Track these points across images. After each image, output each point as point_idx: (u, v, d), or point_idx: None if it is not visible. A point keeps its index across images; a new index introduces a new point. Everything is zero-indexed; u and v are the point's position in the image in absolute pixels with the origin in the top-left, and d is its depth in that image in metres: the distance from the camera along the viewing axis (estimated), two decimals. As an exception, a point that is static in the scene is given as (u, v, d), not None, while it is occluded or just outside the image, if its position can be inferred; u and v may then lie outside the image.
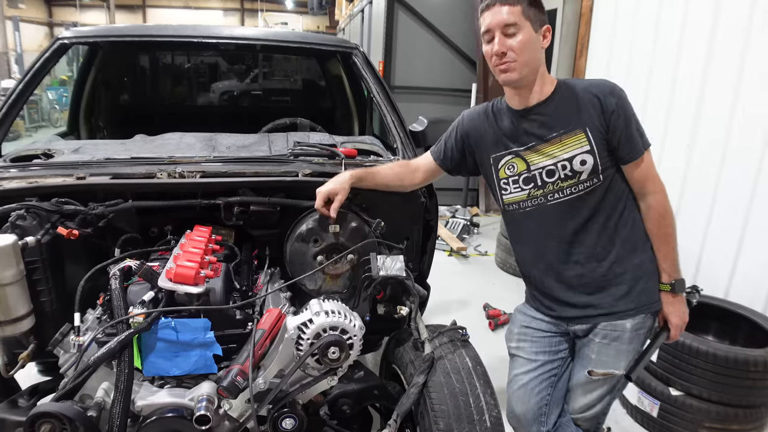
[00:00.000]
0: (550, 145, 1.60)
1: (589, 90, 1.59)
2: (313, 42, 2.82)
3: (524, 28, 1.53)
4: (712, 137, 3.09)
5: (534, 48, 1.56)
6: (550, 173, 1.62)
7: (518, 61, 1.55)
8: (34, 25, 22.53)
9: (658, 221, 1.63)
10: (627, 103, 1.58)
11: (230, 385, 1.40)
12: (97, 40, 2.82)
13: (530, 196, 1.67)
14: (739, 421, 2.47)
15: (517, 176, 1.68)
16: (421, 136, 2.39)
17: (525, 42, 1.53)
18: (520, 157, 1.66)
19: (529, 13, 1.53)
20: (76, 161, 1.91)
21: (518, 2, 1.53)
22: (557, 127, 1.60)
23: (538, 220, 1.69)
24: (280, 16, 26.97)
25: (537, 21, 1.55)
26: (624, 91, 1.59)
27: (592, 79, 1.67)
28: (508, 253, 4.73)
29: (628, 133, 1.56)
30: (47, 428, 1.30)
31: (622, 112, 1.56)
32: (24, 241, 1.51)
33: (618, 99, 1.56)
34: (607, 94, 1.57)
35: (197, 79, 4.57)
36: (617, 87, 1.59)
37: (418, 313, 1.78)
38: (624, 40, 3.97)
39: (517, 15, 1.52)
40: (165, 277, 1.45)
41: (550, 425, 1.80)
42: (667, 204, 1.64)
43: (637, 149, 1.58)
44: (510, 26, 1.52)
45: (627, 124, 1.56)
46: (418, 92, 6.78)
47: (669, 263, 1.66)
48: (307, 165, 1.99)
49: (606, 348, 1.69)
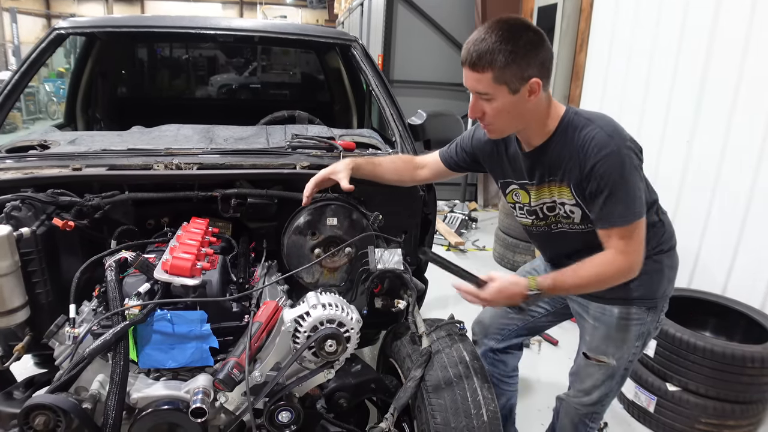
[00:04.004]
0: (547, 187, 1.58)
1: (583, 144, 1.42)
2: (312, 34, 2.81)
3: (497, 95, 1.39)
4: (712, 133, 3.08)
5: (514, 111, 1.43)
6: (550, 208, 1.63)
7: (495, 126, 1.48)
8: (31, 16, 22.38)
9: (596, 268, 1.48)
10: (611, 167, 1.39)
11: (226, 377, 1.40)
12: (94, 31, 2.80)
13: (534, 224, 1.72)
14: (735, 417, 2.47)
15: (522, 205, 1.70)
16: (420, 129, 2.38)
17: (499, 109, 1.42)
18: (525, 189, 1.66)
19: (505, 76, 1.36)
20: (73, 152, 1.90)
21: (488, 68, 1.35)
22: (550, 174, 1.53)
23: (543, 239, 1.76)
24: (279, 9, 26.82)
25: (517, 80, 1.37)
26: (620, 150, 1.38)
27: (594, 127, 1.43)
28: (506, 248, 4.73)
29: (598, 200, 1.43)
30: (42, 420, 1.30)
31: (596, 180, 1.41)
32: (19, 232, 1.50)
33: (599, 162, 1.39)
34: (590, 154, 1.40)
35: (195, 72, 4.56)
36: (609, 146, 1.38)
37: (415, 306, 1.78)
38: (624, 35, 3.95)
39: (487, 83, 1.38)
40: (161, 268, 1.45)
41: (501, 345, 2.01)
42: (619, 273, 1.48)
43: (604, 218, 1.44)
44: (481, 93, 1.41)
45: (600, 191, 1.42)
46: (417, 86, 6.76)
47: (560, 285, 1.51)
48: (305, 157, 1.98)
49: (596, 331, 1.74)
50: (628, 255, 1.46)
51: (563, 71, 5.18)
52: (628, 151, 1.42)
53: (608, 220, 1.44)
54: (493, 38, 1.34)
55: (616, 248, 1.46)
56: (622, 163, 1.40)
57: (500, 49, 1.34)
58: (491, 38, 1.35)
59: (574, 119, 1.48)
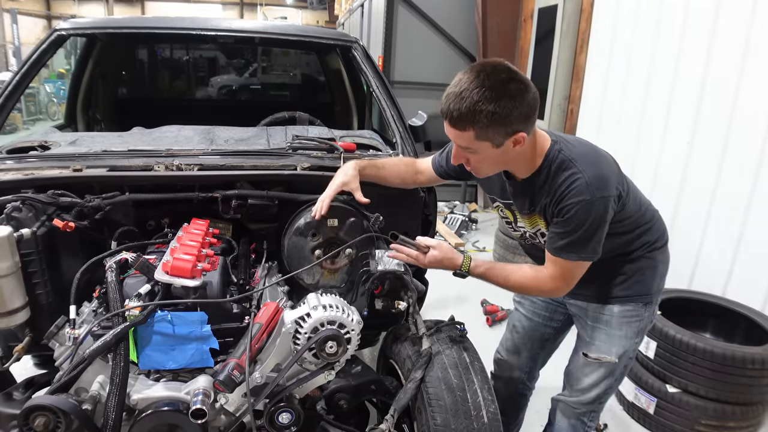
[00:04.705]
0: (528, 216, 1.60)
1: (561, 185, 1.43)
2: (313, 35, 2.81)
3: (480, 149, 1.37)
4: (713, 134, 3.08)
5: (499, 161, 1.43)
6: (532, 236, 1.67)
7: (480, 170, 1.49)
8: (32, 18, 22.40)
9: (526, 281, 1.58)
10: (580, 212, 1.40)
11: (227, 379, 1.40)
12: (95, 32, 2.80)
13: (522, 237, 1.75)
14: (735, 419, 2.47)
15: (509, 221, 1.73)
16: (420, 130, 2.37)
17: (483, 160, 1.42)
18: (509, 210, 1.68)
19: (487, 134, 1.33)
20: (73, 153, 1.90)
21: (469, 127, 1.32)
22: (532, 205, 1.55)
23: (533, 250, 1.77)
24: (279, 10, 26.84)
25: (500, 136, 1.34)
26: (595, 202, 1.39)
27: (577, 172, 1.41)
28: (506, 249, 4.72)
29: (558, 231, 1.47)
30: (42, 421, 1.30)
31: (563, 218, 1.43)
32: (19, 233, 1.50)
33: (571, 209, 1.40)
34: (567, 198, 1.41)
35: (196, 73, 4.56)
36: (584, 197, 1.39)
37: (416, 308, 1.78)
38: (625, 35, 3.95)
39: (469, 140, 1.35)
40: (162, 270, 1.45)
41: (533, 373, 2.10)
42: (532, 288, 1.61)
43: (556, 249, 1.49)
44: (464, 148, 1.41)
45: (559, 226, 1.45)
46: (417, 87, 6.76)
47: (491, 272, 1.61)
48: (305, 159, 1.98)
49: (597, 332, 1.75)
50: (557, 283, 1.54)
51: (564, 72, 5.18)
52: (601, 202, 1.41)
53: (558, 250, 1.49)
54: (474, 96, 1.28)
55: (552, 273, 1.53)
56: (589, 215, 1.41)
57: (481, 109, 1.28)
58: (472, 96, 1.28)
59: (559, 157, 1.45)
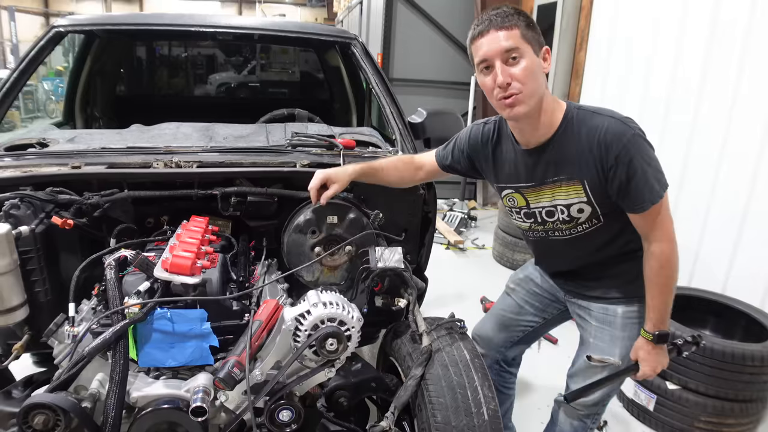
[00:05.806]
0: (550, 189, 1.56)
1: (595, 136, 1.43)
2: (312, 32, 2.80)
3: (526, 52, 1.38)
4: (711, 131, 3.08)
5: (538, 74, 1.42)
6: (549, 213, 1.62)
7: (524, 92, 1.40)
8: (30, 15, 22.32)
9: (656, 270, 1.51)
10: (634, 152, 1.40)
11: (227, 376, 1.39)
12: (93, 29, 2.79)
13: (532, 229, 1.71)
14: (735, 416, 2.47)
15: (518, 209, 1.70)
16: (420, 127, 2.37)
17: (529, 68, 1.39)
18: (520, 193, 1.65)
19: (529, 36, 1.39)
20: (72, 150, 1.89)
21: (515, 25, 1.38)
22: (557, 172, 1.51)
23: (541, 245, 1.76)
24: (278, 7, 26.76)
25: (536, 43, 1.41)
26: (636, 135, 1.41)
27: (604, 118, 1.44)
28: (505, 246, 4.73)
29: (630, 186, 1.43)
30: (41, 419, 1.29)
31: (624, 168, 1.41)
32: (18, 230, 1.50)
33: (622, 151, 1.40)
34: (611, 144, 1.40)
35: (195, 70, 4.54)
36: (627, 134, 1.40)
37: (416, 305, 1.78)
38: (624, 33, 3.94)
39: (517, 38, 1.37)
40: (161, 267, 1.44)
41: (508, 355, 2.06)
42: (672, 255, 1.50)
43: (639, 202, 1.44)
44: (511, 51, 1.38)
45: (629, 178, 1.42)
46: (416, 85, 6.76)
47: (657, 315, 1.55)
48: (305, 155, 1.97)
49: (601, 332, 1.73)
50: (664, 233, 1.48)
51: (563, 69, 5.17)
52: (641, 133, 1.44)
53: (646, 201, 1.44)
54: (507, 9, 1.41)
55: (660, 227, 1.47)
56: (643, 146, 1.42)
57: (519, 14, 1.41)
58: (505, 9, 1.41)
59: (579, 113, 1.48)
